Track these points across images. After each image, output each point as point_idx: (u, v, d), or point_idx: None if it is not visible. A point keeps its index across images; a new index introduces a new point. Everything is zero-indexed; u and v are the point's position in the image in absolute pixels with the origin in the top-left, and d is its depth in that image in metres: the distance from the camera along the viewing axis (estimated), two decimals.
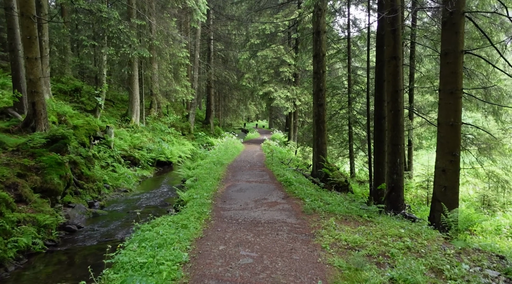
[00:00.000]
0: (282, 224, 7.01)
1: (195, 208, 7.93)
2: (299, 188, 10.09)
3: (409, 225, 6.66)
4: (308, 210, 7.90)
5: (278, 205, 8.57)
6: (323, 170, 12.72)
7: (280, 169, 14.01)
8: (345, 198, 10.76)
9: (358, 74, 20.67)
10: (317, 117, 13.72)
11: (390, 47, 9.05)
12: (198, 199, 8.88)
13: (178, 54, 25.06)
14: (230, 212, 8.02)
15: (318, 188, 11.33)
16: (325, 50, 13.70)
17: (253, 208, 8.37)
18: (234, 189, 10.66)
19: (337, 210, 7.85)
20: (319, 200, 9.04)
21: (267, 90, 25.67)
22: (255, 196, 9.60)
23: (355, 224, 6.90)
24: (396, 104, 9.03)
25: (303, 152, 22.60)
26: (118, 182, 13.62)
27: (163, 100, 24.67)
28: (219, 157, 16.91)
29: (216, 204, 8.73)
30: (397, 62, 8.98)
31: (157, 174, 17.91)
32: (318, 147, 13.70)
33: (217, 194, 9.89)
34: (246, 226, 6.89)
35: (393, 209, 8.90)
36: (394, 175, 9.07)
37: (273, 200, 9.11)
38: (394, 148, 9.08)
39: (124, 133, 18.68)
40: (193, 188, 10.54)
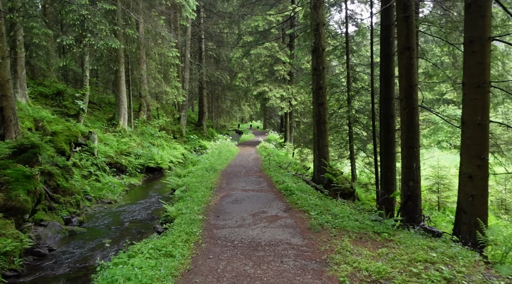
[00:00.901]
0: (286, 246, 5.88)
1: (183, 227, 6.78)
2: (302, 198, 8.97)
3: (440, 245, 5.56)
4: (315, 226, 6.78)
5: (280, 220, 7.43)
6: (326, 175, 11.62)
7: (278, 175, 12.88)
8: (353, 208, 9.68)
9: (357, 71, 19.62)
10: (317, 118, 12.62)
11: (403, 37, 7.96)
12: (188, 214, 7.73)
13: (167, 54, 23.86)
14: (225, 230, 6.87)
15: (322, 196, 10.22)
16: (324, 45, 12.61)
17: (251, 224, 7.23)
18: (228, 199, 9.51)
19: (349, 226, 6.73)
20: (326, 212, 7.92)
21: (261, 90, 24.55)
22: (253, 209, 8.46)
23: (374, 245, 5.78)
24: (411, 102, 7.94)
25: (301, 153, 21.50)
26: (101, 193, 12.42)
27: (152, 102, 23.46)
28: (212, 162, 15.74)
29: (208, 220, 7.58)
30: (411, 54, 7.89)
31: (146, 181, 16.72)
32: (319, 149, 12.60)
33: (209, 206, 8.74)
34: (243, 250, 5.75)
35: (410, 221, 7.81)
36: (410, 181, 7.99)
37: (273, 213, 7.98)
38: (409, 151, 8.00)
39: (111, 139, 17.45)
40: (182, 200, 9.39)
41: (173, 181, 12.00)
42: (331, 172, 11.81)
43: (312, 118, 13.02)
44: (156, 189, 14.73)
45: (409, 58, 7.90)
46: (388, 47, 10.52)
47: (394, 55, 10.64)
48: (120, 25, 18.68)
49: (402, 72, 8.03)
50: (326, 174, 11.62)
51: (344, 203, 10.09)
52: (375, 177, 12.12)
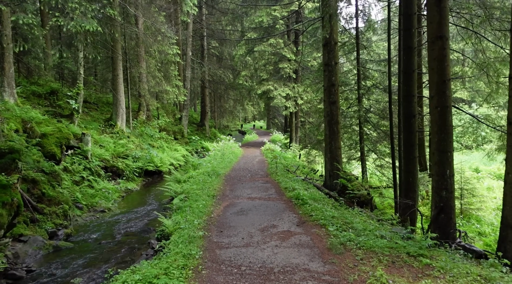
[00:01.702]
0: (305, 274, 4.82)
1: (180, 248, 5.73)
2: (316, 208, 7.91)
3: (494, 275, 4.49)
4: (336, 246, 5.73)
5: (294, 237, 6.38)
6: (340, 181, 10.55)
7: (286, 180, 11.83)
8: (372, 218, 8.61)
9: (367, 68, 18.53)
10: (329, 117, 11.56)
11: (434, 24, 6.88)
12: (186, 229, 6.68)
13: (168, 51, 22.83)
14: (229, 250, 5.83)
15: (337, 205, 9.16)
16: (337, 37, 11.55)
17: (260, 242, 6.17)
18: (233, 210, 8.46)
19: (376, 246, 5.67)
20: (345, 226, 6.87)
21: (266, 88, 23.48)
22: (261, 221, 7.41)
23: (412, 273, 4.72)
24: (444, 99, 6.86)
25: (308, 155, 20.42)
26: (94, 200, 11.39)
27: (152, 102, 22.44)
28: (215, 165, 14.70)
29: (210, 236, 6.53)
30: (444, 43, 6.82)
31: (144, 186, 15.71)
32: (331, 152, 11.54)
33: (211, 219, 7.69)
34: (253, 279, 4.70)
35: (444, 237, 6.74)
36: (443, 191, 6.91)
37: (285, 228, 6.92)
38: (442, 156, 6.92)
39: (107, 141, 16.44)
40: (181, 210, 8.35)
41: (171, 187, 10.94)
42: (345, 177, 10.75)
43: (323, 118, 11.97)
44: (155, 194, 13.70)
45: (442, 48, 6.83)
46: (409, 39, 9.43)
47: (415, 48, 9.56)
48: (117, 20, 17.68)
49: (433, 65, 6.96)
50: (340, 180, 10.56)
51: (362, 212, 9.04)
52: (393, 182, 11.04)
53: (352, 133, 19.29)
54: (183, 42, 28.69)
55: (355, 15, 17.37)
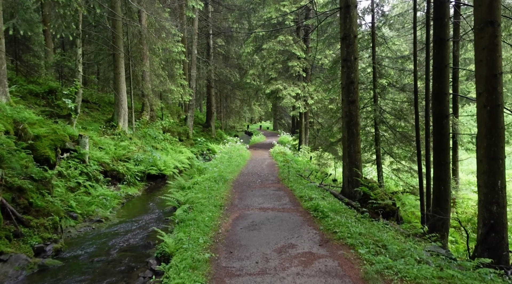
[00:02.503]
0: None
1: (182, 276, 4.71)
2: (340, 223, 6.85)
3: None
4: (372, 276, 4.67)
5: (318, 261, 5.33)
6: (362, 188, 9.49)
7: (300, 186, 10.78)
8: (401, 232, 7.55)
9: (383, 65, 17.43)
10: (348, 118, 10.49)
11: (484, 7, 5.81)
12: (190, 250, 5.66)
13: (172, 49, 21.91)
14: (242, 279, 4.79)
15: (360, 217, 8.10)
16: (356, 30, 10.47)
17: (278, 268, 5.13)
18: (243, 223, 7.43)
19: (421, 275, 4.61)
20: (377, 246, 5.82)
21: (274, 88, 22.43)
22: (277, 239, 6.37)
23: None
24: (494, 96, 5.79)
25: (320, 158, 19.35)
26: (90, 208, 10.41)
27: (156, 102, 21.50)
28: (222, 170, 13.68)
29: (217, 260, 5.50)
30: (496, 30, 5.74)
31: (147, 191, 14.73)
32: (350, 156, 10.47)
33: (219, 235, 6.66)
34: None
35: (495, 260, 5.66)
36: (494, 205, 5.84)
37: (306, 249, 5.88)
38: (492, 163, 5.85)
39: (107, 143, 15.50)
40: (184, 224, 7.33)
41: (174, 196, 9.93)
42: (367, 184, 9.69)
43: (342, 119, 10.90)
44: (157, 200, 12.71)
45: (493, 36, 5.76)
46: (441, 30, 8.36)
47: (449, 40, 8.49)
48: (118, 15, 16.76)
49: (482, 57, 5.88)
50: (362, 188, 9.49)
51: (387, 225, 7.98)
52: (419, 190, 9.95)
53: (367, 135, 18.22)
54: (189, 40, 27.75)
55: (370, 8, 16.30)
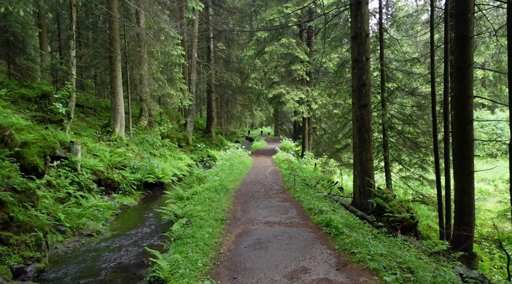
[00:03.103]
0: None
1: None
2: (357, 242, 6.05)
3: None
4: None
5: None
6: (376, 200, 8.68)
7: (308, 197, 9.98)
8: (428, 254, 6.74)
9: (391, 68, 16.69)
10: (359, 123, 9.72)
11: None
12: (187, 277, 4.86)
13: (171, 53, 21.18)
14: None
15: (377, 232, 7.30)
16: (368, 28, 9.73)
17: None
18: (247, 241, 6.63)
19: None
20: (402, 269, 5.02)
21: (277, 92, 21.68)
22: (287, 261, 5.57)
23: None
24: None
25: (325, 166, 18.54)
26: (80, 221, 9.61)
27: (154, 106, 20.74)
28: (223, 178, 12.87)
29: None
30: None
31: (143, 200, 13.94)
32: (361, 164, 9.68)
33: (220, 256, 5.86)
34: None
35: None
36: None
37: (321, 274, 5.07)
38: None
39: (102, 149, 14.73)
40: (181, 242, 6.53)
41: (170, 209, 9.11)
42: (381, 195, 8.88)
43: (353, 125, 10.12)
44: (154, 211, 11.91)
45: None
46: (465, 27, 7.61)
47: (473, 37, 7.73)
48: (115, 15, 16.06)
49: None
50: (376, 199, 8.69)
51: (406, 241, 7.17)
52: (438, 202, 9.15)
53: (374, 141, 17.44)
54: (189, 43, 27.07)
55: (378, 8, 15.60)
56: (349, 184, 19.72)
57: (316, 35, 22.83)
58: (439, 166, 9.26)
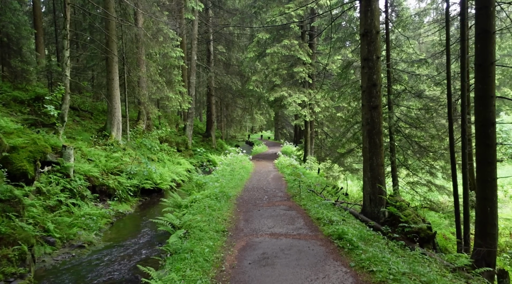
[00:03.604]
0: None
1: None
2: (375, 258, 5.41)
3: None
4: None
5: None
6: (389, 209, 8.05)
7: (315, 205, 9.36)
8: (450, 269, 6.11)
9: (398, 69, 16.10)
10: (369, 126, 9.11)
11: None
12: None
13: (170, 54, 20.61)
14: None
15: (393, 245, 6.67)
16: (378, 25, 9.15)
17: None
18: (252, 256, 5.99)
19: None
20: None
21: (279, 95, 21.08)
22: (297, 282, 4.93)
23: None
24: None
25: (328, 171, 17.91)
26: (71, 231, 8.96)
27: (153, 110, 20.13)
28: (224, 185, 12.23)
29: None
30: None
31: (140, 207, 13.31)
32: (372, 170, 9.06)
33: (222, 275, 5.22)
34: None
35: None
36: None
37: None
38: None
39: (98, 154, 14.11)
40: (179, 256, 5.89)
41: (167, 219, 8.45)
42: (394, 204, 8.26)
43: (362, 128, 9.51)
44: (151, 220, 11.27)
45: None
46: (487, 21, 7.02)
47: (495, 32, 7.14)
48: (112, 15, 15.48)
49: None
50: (389, 208, 8.06)
51: (425, 254, 6.55)
52: (455, 211, 8.51)
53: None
54: (188, 46, 26.52)
55: (384, 6, 15.03)
56: (353, 189, 19.10)
57: (319, 36, 22.28)
58: (456, 171, 8.63)
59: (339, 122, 24.28)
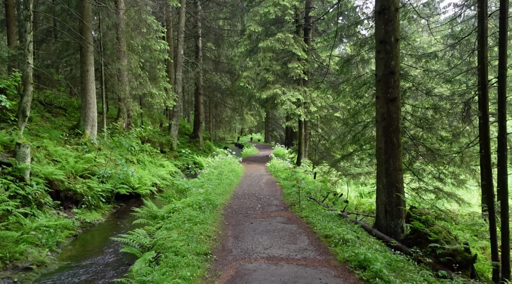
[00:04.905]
0: None
1: None
2: None
3: None
4: None
5: None
6: (414, 224, 6.47)
7: (319, 217, 7.74)
8: None
9: (405, 64, 14.60)
10: (386, 123, 7.54)
11: None
12: None
13: (154, 47, 18.90)
14: None
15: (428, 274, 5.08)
16: (398, 0, 7.60)
17: None
18: None
19: None
20: None
21: (271, 92, 19.47)
22: None
23: None
24: None
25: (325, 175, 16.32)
26: (18, 248, 7.17)
27: (134, 107, 18.34)
28: (209, 190, 10.52)
29: None
30: None
31: (114, 216, 11.56)
32: (389, 176, 7.49)
33: None
34: None
35: None
36: None
37: None
38: None
39: (66, 154, 12.33)
40: None
41: (133, 238, 6.66)
42: (419, 217, 6.68)
43: (376, 124, 7.92)
44: (125, 229, 9.53)
45: None
46: None
47: None
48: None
49: None
50: (414, 223, 6.47)
51: None
52: (490, 226, 6.96)
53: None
54: (175, 40, 24.78)
55: None
56: (351, 195, 17.56)
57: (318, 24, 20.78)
58: (491, 180, 7.07)
59: (335, 124, 22.80)
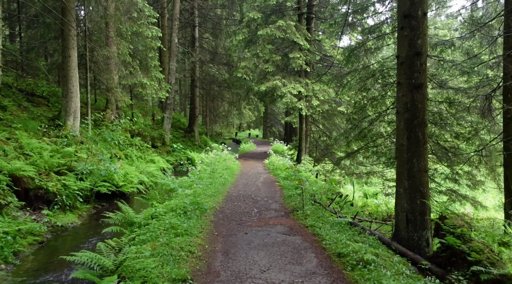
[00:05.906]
0: None
1: None
2: None
3: None
4: None
5: None
6: (448, 240, 5.19)
7: (327, 227, 6.46)
8: None
9: None
10: (409, 114, 6.25)
11: None
12: None
13: (145, 33, 17.52)
14: None
15: None
16: None
17: None
18: None
19: None
20: None
21: (271, 84, 18.14)
22: None
23: None
24: None
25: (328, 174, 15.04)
26: None
27: (123, 97, 17.00)
28: (198, 191, 9.20)
29: None
30: None
31: (93, 217, 10.29)
32: (412, 178, 6.21)
33: None
34: None
35: None
36: None
37: None
38: None
39: (40, 147, 11.04)
40: None
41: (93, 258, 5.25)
42: (452, 230, 5.41)
43: (397, 116, 6.62)
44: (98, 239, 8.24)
45: None
46: None
47: None
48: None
49: None
50: (448, 238, 5.19)
51: None
52: None
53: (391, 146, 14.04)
54: (168, 29, 23.39)
55: None
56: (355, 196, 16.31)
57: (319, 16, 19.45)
58: None
59: (338, 119, 21.52)
